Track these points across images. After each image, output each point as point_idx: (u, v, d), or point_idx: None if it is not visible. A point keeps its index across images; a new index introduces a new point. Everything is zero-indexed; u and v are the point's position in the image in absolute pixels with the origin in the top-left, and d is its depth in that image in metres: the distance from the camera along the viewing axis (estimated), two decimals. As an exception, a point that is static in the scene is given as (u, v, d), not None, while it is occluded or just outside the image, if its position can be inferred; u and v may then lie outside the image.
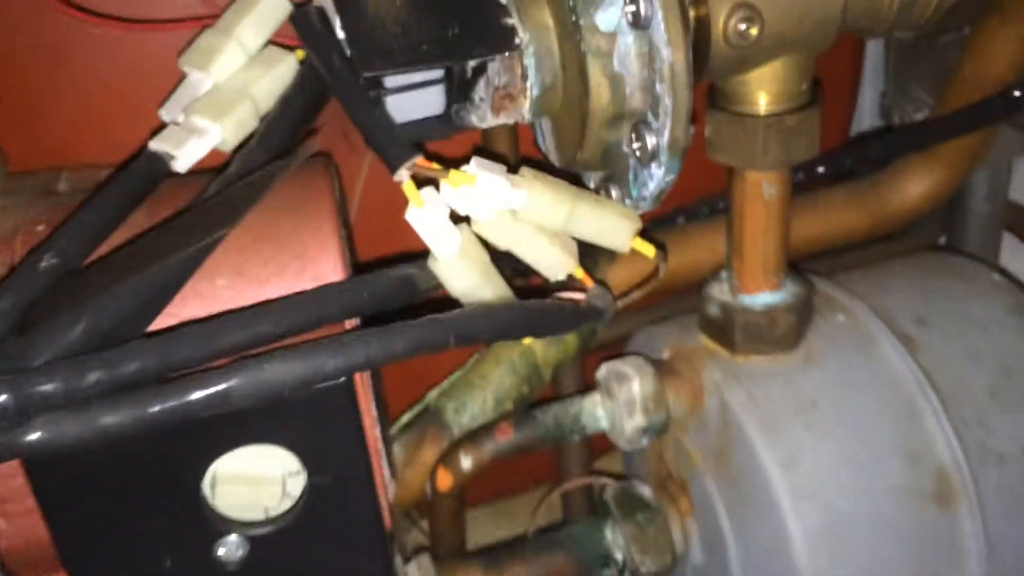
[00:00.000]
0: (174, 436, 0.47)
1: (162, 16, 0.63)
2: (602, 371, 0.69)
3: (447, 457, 0.69)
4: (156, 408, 0.43)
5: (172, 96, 0.59)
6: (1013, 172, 0.90)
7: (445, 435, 0.72)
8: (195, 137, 0.56)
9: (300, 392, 0.45)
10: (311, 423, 0.51)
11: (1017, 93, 0.71)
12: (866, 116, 0.96)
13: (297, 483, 0.54)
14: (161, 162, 0.56)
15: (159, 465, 0.51)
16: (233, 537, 0.54)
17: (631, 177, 0.56)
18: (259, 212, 0.54)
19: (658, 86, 0.51)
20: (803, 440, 0.63)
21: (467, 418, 0.73)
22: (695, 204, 0.81)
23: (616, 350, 0.76)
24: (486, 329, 0.50)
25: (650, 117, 0.53)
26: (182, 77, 0.59)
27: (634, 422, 0.67)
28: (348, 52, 0.55)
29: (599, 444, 0.85)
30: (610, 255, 0.74)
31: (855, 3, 0.58)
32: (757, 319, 0.65)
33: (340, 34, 0.56)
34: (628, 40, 0.52)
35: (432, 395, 0.75)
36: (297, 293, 0.50)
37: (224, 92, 0.59)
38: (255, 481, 0.52)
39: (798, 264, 0.70)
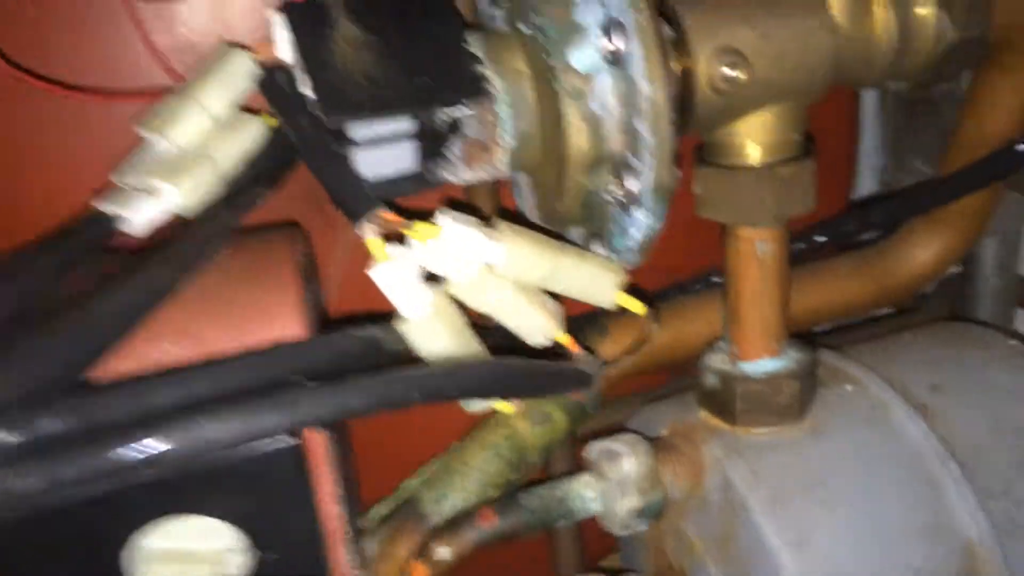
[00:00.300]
0: (92, 506, 0.42)
1: (131, 87, 0.60)
2: (592, 450, 0.63)
3: (424, 548, 0.63)
4: (70, 472, 0.37)
5: (127, 160, 0.56)
6: (1022, 242, 0.86)
7: (423, 526, 0.66)
8: (146, 196, 0.53)
9: (238, 453, 0.40)
10: (254, 492, 0.45)
11: (1022, 147, 0.67)
12: (865, 192, 0.93)
13: (238, 562, 0.47)
14: (106, 223, 0.52)
15: (75, 540, 0.44)
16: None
17: (614, 227, 0.52)
18: (216, 282, 0.51)
19: (638, 124, 0.48)
20: (814, 518, 0.57)
21: (448, 508, 0.67)
22: (689, 280, 0.77)
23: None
24: (455, 386, 0.46)
25: (631, 159, 0.49)
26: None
27: (628, 503, 0.61)
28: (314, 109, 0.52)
29: (597, 545, 0.80)
30: (599, 329, 0.70)
31: (846, 49, 0.56)
32: (758, 387, 0.61)
33: (307, 92, 0.53)
34: (605, 79, 0.49)
35: (410, 484, 0.69)
36: (243, 351, 0.45)
37: (183, 154, 0.55)
38: (189, 559, 0.46)
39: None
